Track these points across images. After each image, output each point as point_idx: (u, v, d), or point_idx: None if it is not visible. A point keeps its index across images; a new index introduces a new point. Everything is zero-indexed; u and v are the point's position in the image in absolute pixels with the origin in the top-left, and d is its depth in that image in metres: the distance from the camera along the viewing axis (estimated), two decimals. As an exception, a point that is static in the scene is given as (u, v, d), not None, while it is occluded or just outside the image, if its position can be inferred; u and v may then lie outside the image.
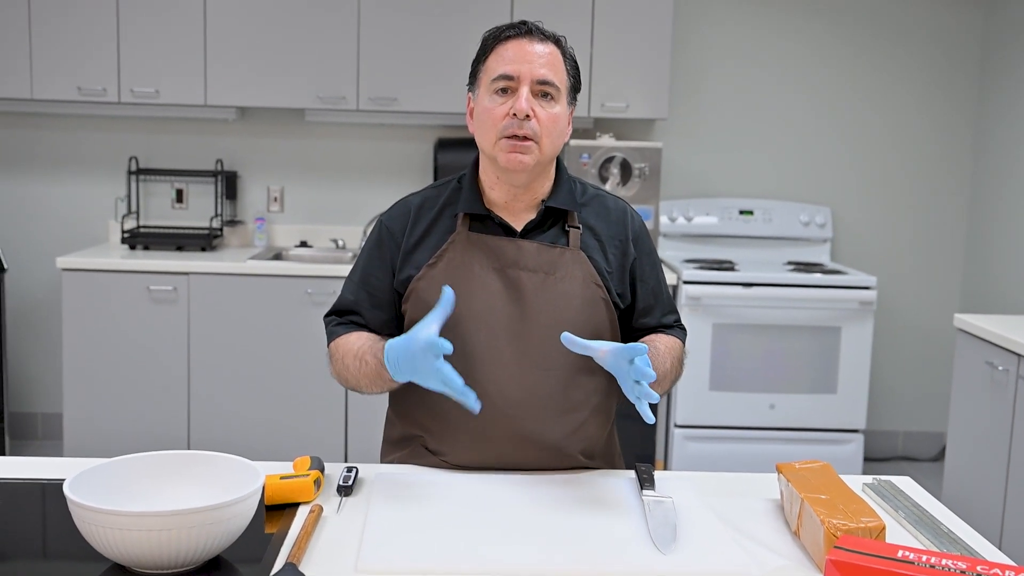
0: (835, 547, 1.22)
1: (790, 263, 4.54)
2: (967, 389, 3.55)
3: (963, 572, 1.14)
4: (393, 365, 1.66)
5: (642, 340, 1.89)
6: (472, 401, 1.60)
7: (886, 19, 4.66)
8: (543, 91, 1.77)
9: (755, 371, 4.17)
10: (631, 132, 4.63)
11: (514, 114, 1.75)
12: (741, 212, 4.63)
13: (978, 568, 1.15)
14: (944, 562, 1.17)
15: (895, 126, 4.72)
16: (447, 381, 1.58)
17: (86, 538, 1.34)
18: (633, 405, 1.61)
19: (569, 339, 1.66)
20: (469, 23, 4.19)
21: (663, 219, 4.58)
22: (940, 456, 4.70)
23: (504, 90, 1.77)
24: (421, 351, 1.60)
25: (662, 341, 1.88)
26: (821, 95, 4.70)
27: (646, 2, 4.26)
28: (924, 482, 3.79)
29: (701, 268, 4.25)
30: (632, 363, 1.59)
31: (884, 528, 1.43)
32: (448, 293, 1.66)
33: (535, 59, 1.77)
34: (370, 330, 1.89)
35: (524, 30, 1.80)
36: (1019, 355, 3.18)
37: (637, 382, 1.58)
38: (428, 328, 1.61)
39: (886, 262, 4.77)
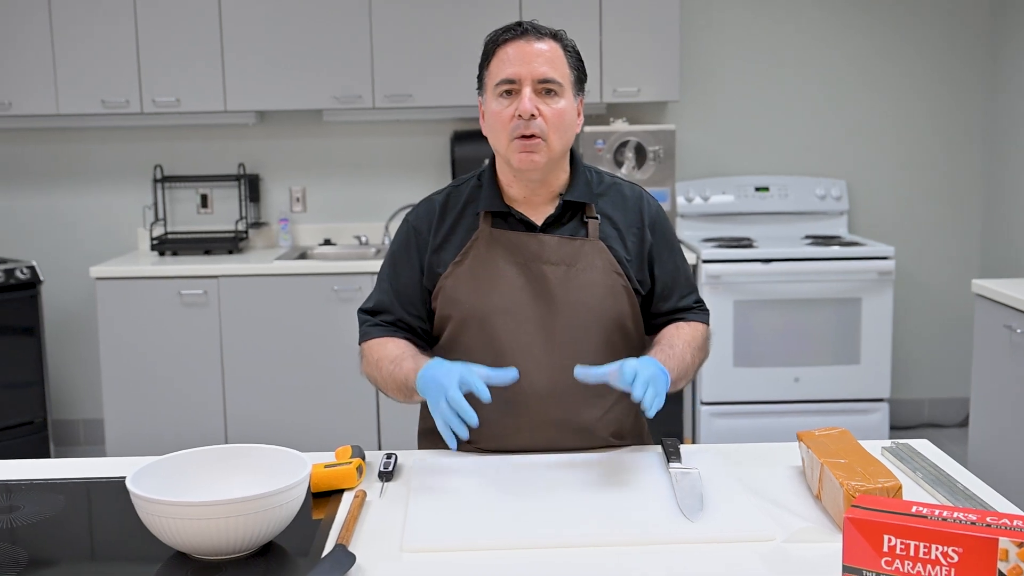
0: (853, 506, 1.28)
1: (808, 237, 4.59)
2: (987, 354, 3.59)
3: (973, 523, 1.21)
4: (422, 383, 1.75)
5: (661, 335, 1.93)
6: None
7: (892, -10, 4.68)
8: (546, 88, 1.82)
9: (778, 346, 4.23)
10: (644, 116, 4.69)
11: (519, 115, 1.81)
12: (757, 189, 4.67)
13: (988, 519, 1.22)
14: (956, 515, 1.23)
15: (907, 95, 4.75)
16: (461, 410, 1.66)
17: (150, 528, 1.42)
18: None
19: (583, 374, 1.73)
20: (479, 15, 4.25)
21: (680, 200, 4.63)
22: (966, 421, 4.74)
23: (508, 92, 1.83)
24: (446, 376, 1.69)
25: (681, 336, 1.91)
26: (831, 68, 4.73)
27: (653, -13, 4.32)
28: (951, 447, 3.84)
29: (720, 246, 4.30)
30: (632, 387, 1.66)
31: (900, 487, 1.49)
32: (512, 372, 1.73)
33: (534, 59, 1.82)
34: (404, 327, 1.96)
35: (521, 31, 1.84)
36: (1036, 317, 3.23)
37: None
38: (470, 368, 1.69)
39: (903, 231, 4.81)
